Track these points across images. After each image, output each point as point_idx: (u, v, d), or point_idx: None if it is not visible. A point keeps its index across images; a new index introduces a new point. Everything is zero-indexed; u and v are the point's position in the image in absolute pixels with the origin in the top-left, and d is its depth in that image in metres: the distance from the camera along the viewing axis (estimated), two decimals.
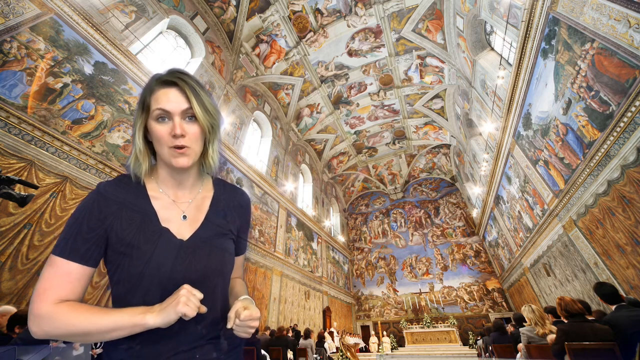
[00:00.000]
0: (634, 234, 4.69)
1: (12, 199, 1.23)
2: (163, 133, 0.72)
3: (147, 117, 0.75)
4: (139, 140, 0.76)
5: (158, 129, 0.73)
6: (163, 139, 0.72)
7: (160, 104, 0.72)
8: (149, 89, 0.75)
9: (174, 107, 0.72)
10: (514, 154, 8.40)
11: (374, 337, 14.31)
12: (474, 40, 8.82)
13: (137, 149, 0.76)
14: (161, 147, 0.74)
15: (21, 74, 4.56)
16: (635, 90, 4.13)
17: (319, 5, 10.49)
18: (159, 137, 0.73)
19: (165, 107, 0.72)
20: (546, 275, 8.61)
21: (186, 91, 0.73)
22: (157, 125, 0.73)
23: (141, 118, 0.76)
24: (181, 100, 0.73)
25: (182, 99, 0.73)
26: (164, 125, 0.73)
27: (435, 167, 19.27)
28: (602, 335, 2.45)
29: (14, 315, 2.77)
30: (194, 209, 0.83)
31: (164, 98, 0.73)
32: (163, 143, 0.73)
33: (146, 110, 0.75)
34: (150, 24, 7.23)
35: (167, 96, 0.73)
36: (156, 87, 0.74)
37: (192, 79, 0.76)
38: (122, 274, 0.70)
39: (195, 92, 0.74)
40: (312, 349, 7.02)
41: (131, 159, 0.78)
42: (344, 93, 14.29)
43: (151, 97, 0.74)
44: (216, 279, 0.76)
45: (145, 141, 0.78)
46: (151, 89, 0.75)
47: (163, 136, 0.72)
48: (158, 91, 0.74)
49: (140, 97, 0.76)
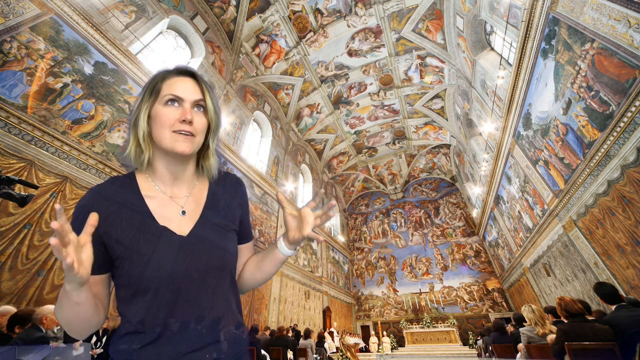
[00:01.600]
0: (634, 234, 4.69)
1: (12, 199, 1.23)
2: (170, 116, 0.72)
3: (154, 102, 0.75)
4: (144, 123, 0.74)
5: (165, 112, 0.73)
6: (169, 122, 0.72)
7: (174, 90, 0.74)
8: (161, 76, 0.77)
9: (188, 95, 0.75)
10: (514, 154, 8.40)
11: (374, 337, 14.31)
12: (474, 40, 8.82)
13: (142, 133, 0.74)
14: (164, 131, 0.72)
15: (21, 74, 4.56)
16: (635, 90, 4.12)
17: (319, 5, 10.49)
18: (165, 120, 0.72)
19: (179, 93, 0.74)
20: (546, 275, 8.61)
21: (201, 85, 0.78)
22: (165, 108, 0.73)
23: (148, 102, 0.75)
24: (196, 91, 0.77)
25: (197, 89, 0.77)
26: (173, 109, 0.73)
27: (435, 167, 19.27)
28: (602, 335, 2.45)
29: (14, 315, 2.77)
30: (193, 202, 0.82)
31: (179, 85, 0.75)
32: (167, 127, 0.72)
33: (155, 95, 0.75)
34: (150, 24, 7.23)
35: (182, 83, 0.76)
36: (171, 75, 0.77)
37: (202, 77, 0.81)
38: (122, 277, 0.69)
39: (208, 89, 0.79)
40: (312, 349, 7.02)
41: (130, 148, 0.75)
42: (344, 93, 14.29)
43: (163, 83, 0.75)
44: (217, 278, 0.76)
45: (148, 127, 0.76)
46: (164, 76, 0.77)
47: (169, 119, 0.72)
48: (172, 78, 0.76)
49: (149, 84, 0.76)
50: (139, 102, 0.76)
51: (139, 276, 0.68)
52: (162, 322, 0.66)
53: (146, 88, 0.76)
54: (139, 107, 0.75)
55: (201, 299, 0.72)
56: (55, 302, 3.25)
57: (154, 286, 0.68)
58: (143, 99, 0.75)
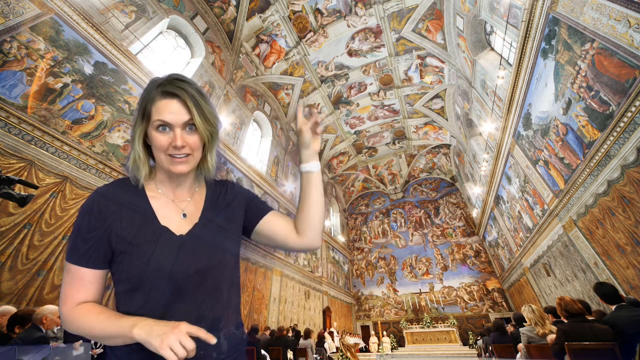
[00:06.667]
0: (634, 234, 4.69)
1: (12, 199, 1.23)
2: (163, 142, 0.74)
3: (147, 125, 0.76)
4: (139, 147, 0.77)
5: (159, 138, 0.74)
6: (162, 147, 0.74)
7: (161, 116, 0.73)
8: (150, 98, 0.75)
9: (175, 119, 0.73)
10: (514, 154, 8.40)
11: (374, 337, 14.31)
12: (474, 40, 8.82)
13: (137, 155, 0.77)
14: (160, 154, 0.75)
15: (21, 74, 4.56)
16: (635, 90, 4.12)
17: (319, 5, 10.48)
18: (158, 145, 0.74)
19: (166, 119, 0.73)
20: (546, 275, 8.60)
21: (187, 102, 0.74)
22: (158, 134, 0.74)
23: (141, 126, 0.77)
24: (182, 112, 0.74)
25: (183, 110, 0.74)
26: (165, 135, 0.74)
27: (435, 167, 19.27)
28: (602, 336, 2.45)
29: (14, 315, 2.78)
30: (193, 206, 0.84)
31: (165, 109, 0.73)
32: (162, 151, 0.74)
33: (147, 119, 0.76)
34: (150, 24, 7.23)
35: (168, 108, 0.73)
36: (157, 97, 0.74)
37: (193, 87, 0.76)
38: (123, 273, 0.71)
39: (196, 102, 0.75)
40: (312, 349, 7.02)
41: (130, 162, 0.79)
42: (344, 93, 14.29)
43: (152, 107, 0.75)
44: (216, 278, 0.76)
45: (144, 147, 0.79)
46: (152, 98, 0.75)
47: (163, 145, 0.74)
48: (159, 102, 0.74)
49: (140, 104, 0.77)
50: (134, 123, 0.79)
51: (139, 274, 0.69)
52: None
53: (138, 109, 0.78)
54: (134, 129, 0.78)
55: (201, 298, 0.73)
56: (55, 302, 3.23)
57: (153, 284, 0.69)
58: (137, 122, 0.77)
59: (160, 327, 0.59)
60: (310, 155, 0.91)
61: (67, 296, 0.69)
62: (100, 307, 0.69)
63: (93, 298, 0.71)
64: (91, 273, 0.71)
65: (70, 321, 0.67)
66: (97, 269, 0.72)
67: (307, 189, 0.90)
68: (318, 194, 0.90)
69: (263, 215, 0.93)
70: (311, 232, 0.90)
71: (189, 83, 0.76)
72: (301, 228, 0.91)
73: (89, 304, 0.70)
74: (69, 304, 0.69)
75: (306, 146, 0.92)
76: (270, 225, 0.92)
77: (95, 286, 0.72)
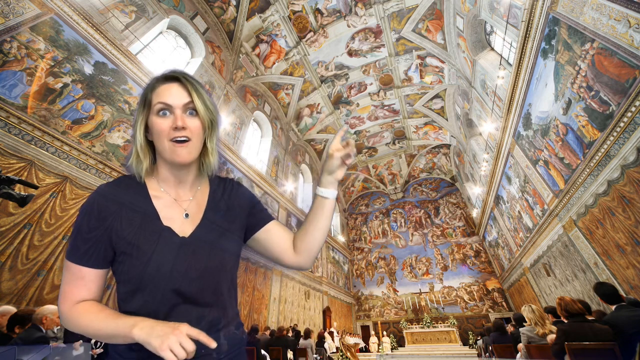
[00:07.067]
0: (634, 234, 4.69)
1: (12, 199, 1.23)
2: (164, 126, 0.73)
3: (148, 114, 0.76)
4: (140, 135, 0.77)
5: (159, 123, 0.74)
6: (164, 132, 0.73)
7: (161, 98, 0.74)
8: (151, 86, 0.77)
9: (175, 100, 0.74)
10: (514, 154, 8.39)
11: (374, 337, 14.30)
12: (474, 40, 8.82)
13: (139, 144, 0.77)
14: (162, 142, 0.74)
15: (21, 74, 4.56)
16: (635, 90, 4.12)
17: (319, 5, 10.49)
18: (159, 130, 0.74)
19: (166, 100, 0.74)
20: (546, 275, 8.60)
21: (187, 86, 0.76)
22: (158, 119, 0.74)
23: (142, 114, 0.77)
24: (183, 95, 0.76)
25: (183, 93, 0.76)
26: (165, 119, 0.74)
27: (435, 167, 19.27)
28: (602, 336, 2.45)
29: (14, 315, 2.78)
30: (195, 206, 0.84)
31: (165, 92, 0.75)
32: (164, 137, 0.74)
33: (147, 107, 0.76)
34: (150, 24, 7.23)
35: (169, 90, 0.75)
36: (158, 84, 0.77)
37: (193, 77, 0.79)
38: (123, 273, 0.71)
39: (196, 88, 0.77)
40: (312, 349, 7.02)
41: (132, 157, 0.78)
42: (344, 93, 14.29)
43: (152, 93, 0.76)
44: (216, 279, 0.76)
45: (146, 138, 0.79)
46: (152, 86, 0.77)
47: (164, 129, 0.73)
48: (160, 87, 0.76)
49: (142, 96, 0.78)
50: (135, 115, 0.79)
51: (140, 274, 0.69)
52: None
53: (140, 101, 0.78)
54: (135, 119, 0.78)
55: (201, 299, 0.72)
56: (55, 303, 3.23)
57: (153, 284, 0.69)
58: (138, 111, 0.78)
59: (160, 328, 0.59)
60: (331, 183, 0.88)
61: (67, 294, 0.69)
62: (99, 306, 0.69)
63: (93, 296, 0.71)
64: (91, 272, 0.71)
65: (70, 319, 0.67)
66: (97, 269, 0.72)
67: (319, 214, 0.89)
68: (327, 221, 0.89)
69: (265, 224, 0.92)
70: (308, 255, 0.91)
71: (189, 74, 0.80)
72: (301, 248, 0.90)
73: (88, 302, 0.70)
74: (68, 302, 0.69)
75: (330, 172, 0.88)
76: (269, 234, 0.91)
77: (96, 285, 0.72)
